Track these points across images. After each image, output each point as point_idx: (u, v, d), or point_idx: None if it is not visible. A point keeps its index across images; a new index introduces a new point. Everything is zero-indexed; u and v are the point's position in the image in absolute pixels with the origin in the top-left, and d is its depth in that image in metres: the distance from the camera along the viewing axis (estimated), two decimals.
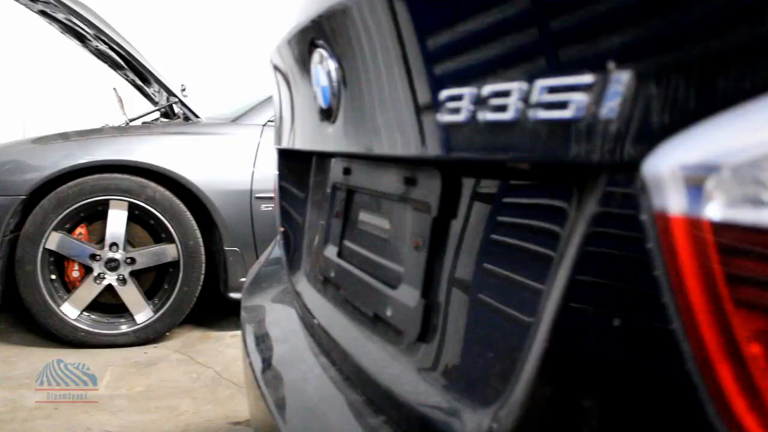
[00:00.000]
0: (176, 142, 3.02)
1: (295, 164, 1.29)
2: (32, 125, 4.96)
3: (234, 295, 3.02)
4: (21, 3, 3.53)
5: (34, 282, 2.82)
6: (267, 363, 1.10)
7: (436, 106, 0.59)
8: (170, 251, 2.92)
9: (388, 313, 0.80)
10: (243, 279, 2.98)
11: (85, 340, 2.88)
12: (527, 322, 0.57)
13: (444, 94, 0.58)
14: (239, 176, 2.98)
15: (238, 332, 3.15)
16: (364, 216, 0.95)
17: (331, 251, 1.04)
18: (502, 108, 0.51)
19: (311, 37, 0.86)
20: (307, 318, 1.11)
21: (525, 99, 0.49)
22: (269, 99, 3.20)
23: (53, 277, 2.89)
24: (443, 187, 0.71)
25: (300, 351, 1.07)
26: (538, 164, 0.55)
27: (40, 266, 2.82)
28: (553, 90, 0.47)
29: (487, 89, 0.52)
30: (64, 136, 3.04)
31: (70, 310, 2.88)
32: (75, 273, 2.92)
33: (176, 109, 3.66)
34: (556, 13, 0.48)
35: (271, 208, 2.97)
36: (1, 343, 2.95)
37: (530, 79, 0.48)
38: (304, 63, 0.92)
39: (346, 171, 1.00)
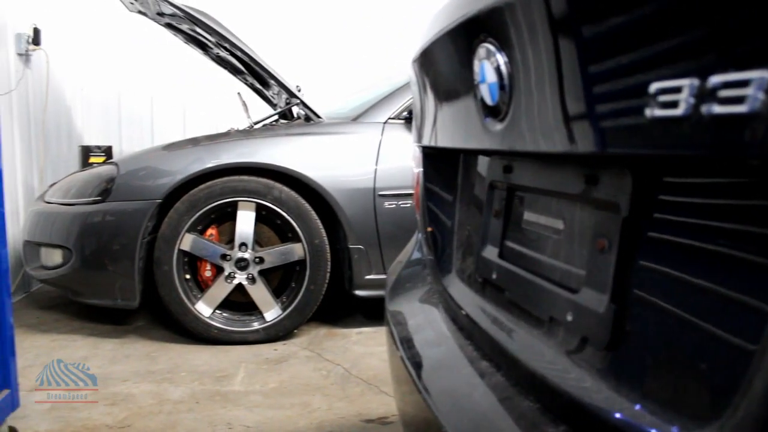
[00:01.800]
0: (300, 142, 3.09)
1: (439, 163, 1.27)
2: (191, 116, 5.25)
3: (360, 293, 3.05)
4: (150, 18, 3.72)
5: (170, 281, 2.96)
6: (422, 365, 1.08)
7: (642, 100, 0.55)
8: (297, 250, 2.99)
9: (569, 317, 0.76)
10: (368, 276, 3.02)
11: (218, 337, 3.00)
12: (748, 338, 0.52)
13: (654, 86, 0.53)
14: (362, 175, 3.01)
15: (364, 329, 3.21)
16: (529, 215, 0.91)
17: (490, 252, 1.01)
18: (737, 100, 0.46)
19: (475, 32, 0.84)
20: (462, 320, 1.08)
21: None
22: (389, 97, 3.22)
23: (188, 276, 3.02)
24: (634, 186, 0.67)
25: (456, 353, 1.05)
26: None
27: (176, 266, 2.95)
28: None
29: (717, 79, 0.48)
30: (194, 141, 3.17)
31: (204, 308, 3.00)
32: (207, 273, 3.04)
33: (295, 110, 3.74)
34: None
35: (394, 206, 2.98)
36: (142, 339, 3.12)
37: None
38: (463, 59, 0.90)
39: (507, 169, 0.96)
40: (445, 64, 1.03)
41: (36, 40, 3.98)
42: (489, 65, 0.80)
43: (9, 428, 1.88)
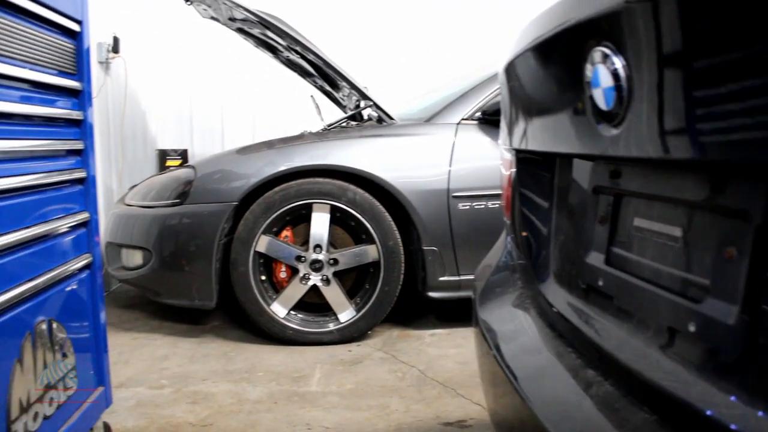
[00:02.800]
0: (373, 144, 3.10)
1: (533, 167, 1.25)
2: (260, 124, 5.39)
3: (433, 294, 3.04)
4: (221, 23, 3.79)
5: (246, 282, 3.01)
6: (522, 372, 1.07)
7: None
8: (371, 252, 3.00)
9: (691, 328, 0.74)
10: (442, 278, 3.01)
11: (293, 338, 3.04)
12: None
13: None
14: (436, 176, 3.00)
15: (437, 331, 3.20)
16: (640, 222, 0.89)
17: (595, 258, 0.99)
18: None
19: (589, 36, 0.82)
20: (562, 326, 1.06)
21: None
22: (462, 98, 3.20)
23: (263, 277, 3.07)
24: None
25: (557, 361, 1.03)
26: None
27: (252, 268, 3.00)
28: None
29: None
30: (269, 144, 3.21)
31: (279, 309, 3.05)
32: (282, 274, 3.08)
33: (365, 112, 3.75)
34: None
35: (468, 207, 2.96)
36: (219, 338, 3.19)
37: None
38: (572, 63, 0.88)
39: (615, 174, 0.94)
40: (547, 69, 1.01)
41: (115, 48, 4.12)
42: (604, 69, 0.78)
43: (104, 424, 1.95)
